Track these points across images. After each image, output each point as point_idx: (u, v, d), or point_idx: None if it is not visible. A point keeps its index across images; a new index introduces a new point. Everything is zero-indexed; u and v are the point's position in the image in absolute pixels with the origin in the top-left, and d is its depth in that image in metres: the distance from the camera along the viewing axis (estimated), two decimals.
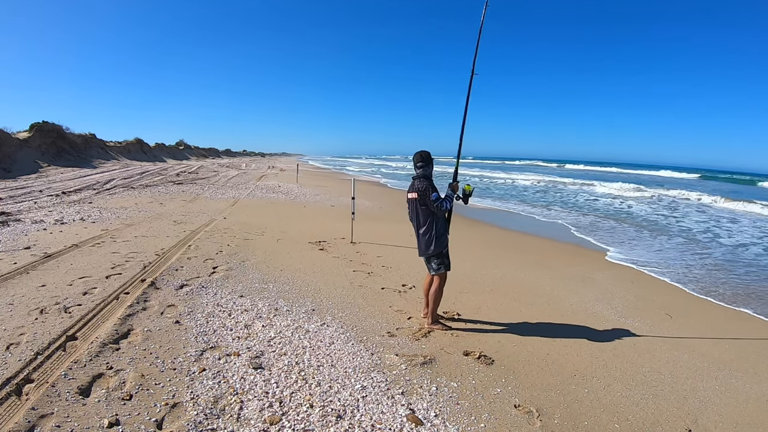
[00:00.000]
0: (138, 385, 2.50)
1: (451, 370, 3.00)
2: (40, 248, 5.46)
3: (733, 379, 3.21)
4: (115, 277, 4.48)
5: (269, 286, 4.56)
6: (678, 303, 5.06)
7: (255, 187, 16.99)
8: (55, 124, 22.77)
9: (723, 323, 4.47)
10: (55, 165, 19.63)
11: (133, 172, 21.04)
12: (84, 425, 2.13)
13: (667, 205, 16.40)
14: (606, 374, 3.09)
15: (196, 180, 19.03)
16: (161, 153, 40.69)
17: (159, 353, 2.91)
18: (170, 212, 9.30)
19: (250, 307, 3.91)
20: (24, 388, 2.40)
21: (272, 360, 2.95)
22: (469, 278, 5.38)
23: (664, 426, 2.53)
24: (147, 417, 2.23)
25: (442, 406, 2.55)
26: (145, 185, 15.03)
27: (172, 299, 3.93)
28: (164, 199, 11.56)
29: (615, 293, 5.18)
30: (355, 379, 2.78)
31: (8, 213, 7.88)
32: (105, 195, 11.71)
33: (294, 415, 2.35)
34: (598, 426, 2.48)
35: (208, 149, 65.80)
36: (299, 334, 3.41)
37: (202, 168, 29.36)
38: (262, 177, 23.27)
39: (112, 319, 3.40)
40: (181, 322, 3.45)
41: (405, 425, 2.34)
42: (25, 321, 3.27)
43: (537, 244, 8.17)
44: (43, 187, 12.71)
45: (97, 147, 28.00)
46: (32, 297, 3.77)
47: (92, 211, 8.77)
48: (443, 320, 3.85)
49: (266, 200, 12.78)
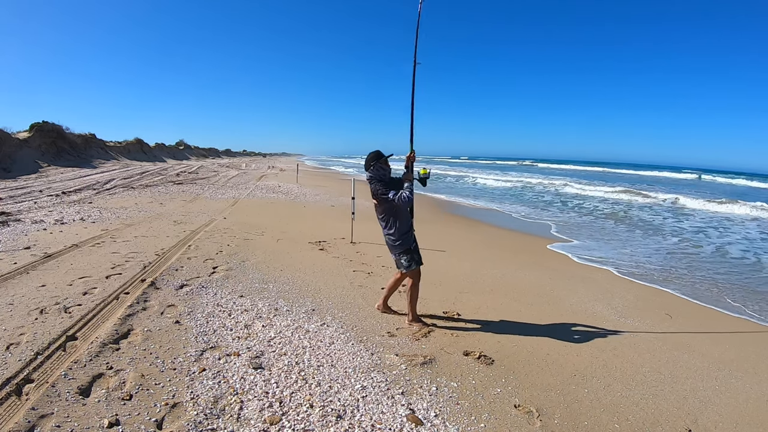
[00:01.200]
0: (138, 385, 2.50)
1: (451, 370, 3.00)
2: (40, 248, 5.46)
3: (733, 379, 3.21)
4: (115, 277, 4.48)
5: (269, 286, 4.56)
6: (678, 303, 5.06)
7: (255, 187, 16.99)
8: (55, 124, 22.78)
9: (723, 323, 4.47)
10: (55, 165, 19.63)
11: (133, 172, 21.04)
12: (84, 425, 2.13)
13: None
14: (606, 374, 3.09)
15: (196, 180, 19.03)
16: (161, 153, 40.69)
17: (159, 353, 2.91)
18: (170, 212, 9.30)
19: (250, 307, 3.91)
20: (24, 388, 2.40)
21: (272, 360, 2.95)
22: (469, 278, 5.38)
23: (664, 426, 2.53)
24: (147, 417, 2.23)
25: (442, 406, 2.55)
26: (145, 185, 15.03)
27: (172, 299, 3.93)
28: (164, 199, 11.56)
29: (615, 293, 5.18)
30: (355, 379, 2.78)
31: (8, 213, 7.88)
32: (105, 195, 11.71)
33: (294, 415, 2.35)
34: (598, 426, 2.48)
35: (208, 149, 65.81)
36: (299, 334, 3.41)
37: (202, 168, 29.37)
38: (262, 177, 23.27)
39: (112, 319, 3.40)
40: (181, 322, 3.45)
41: (405, 425, 2.34)
42: (25, 321, 3.27)
43: (537, 244, 8.17)
44: (43, 187, 12.72)
45: (97, 147, 28.00)
46: (32, 297, 3.77)
47: (92, 211, 8.77)
48: (424, 318, 3.97)
49: (266, 200, 12.79)
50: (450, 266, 5.88)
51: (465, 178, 30.36)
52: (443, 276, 5.37)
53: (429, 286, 4.93)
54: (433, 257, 6.33)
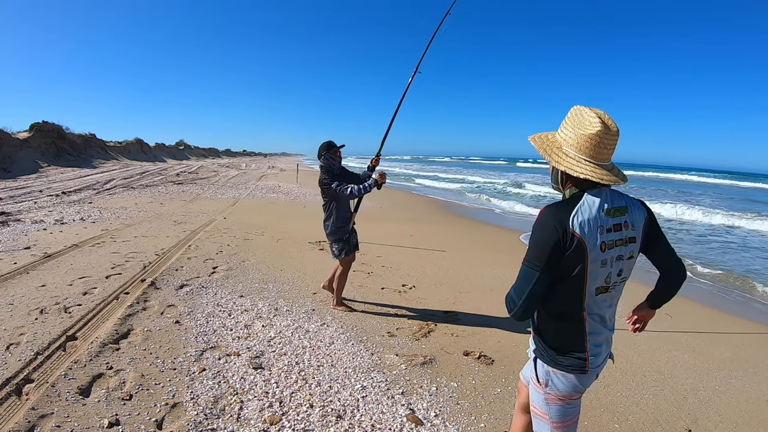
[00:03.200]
0: (138, 385, 2.50)
1: (451, 370, 3.00)
2: (40, 248, 5.46)
3: (733, 379, 3.21)
4: (115, 277, 4.48)
5: (269, 286, 4.57)
6: (678, 303, 5.06)
7: (255, 187, 16.99)
8: (55, 124, 22.80)
9: (723, 323, 4.47)
10: (55, 165, 19.64)
11: (133, 172, 21.05)
12: (84, 425, 2.13)
13: None
14: (606, 374, 3.09)
15: (196, 180, 19.03)
16: (161, 153, 40.71)
17: (159, 353, 2.91)
18: (170, 212, 9.30)
19: (250, 307, 3.91)
20: (24, 388, 2.40)
21: (272, 360, 2.95)
22: (469, 278, 5.38)
23: (664, 426, 2.53)
24: (147, 417, 2.23)
25: (442, 406, 2.55)
26: (145, 185, 15.04)
27: (172, 299, 3.94)
28: (164, 199, 11.57)
29: None
30: (355, 379, 2.78)
31: (8, 213, 7.88)
32: (105, 195, 11.71)
33: (294, 415, 2.35)
34: (598, 426, 2.48)
35: (208, 149, 65.85)
36: (299, 334, 3.41)
37: (202, 168, 29.37)
38: (262, 177, 23.27)
39: (112, 319, 3.40)
40: (181, 322, 3.45)
41: (405, 425, 2.34)
42: (25, 321, 3.28)
43: None
44: (43, 187, 12.72)
45: (97, 147, 28.02)
46: (32, 297, 3.77)
47: (92, 211, 8.77)
48: (348, 302, 4.18)
49: (266, 200, 12.79)
50: (450, 266, 5.88)
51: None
52: (443, 276, 5.37)
53: (429, 286, 4.93)
54: (433, 257, 6.33)
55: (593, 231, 1.31)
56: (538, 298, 1.39)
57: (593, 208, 1.32)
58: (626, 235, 1.37)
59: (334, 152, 3.70)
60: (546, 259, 1.31)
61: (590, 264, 1.31)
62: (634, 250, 1.41)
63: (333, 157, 3.70)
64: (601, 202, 1.33)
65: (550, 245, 1.31)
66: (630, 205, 1.40)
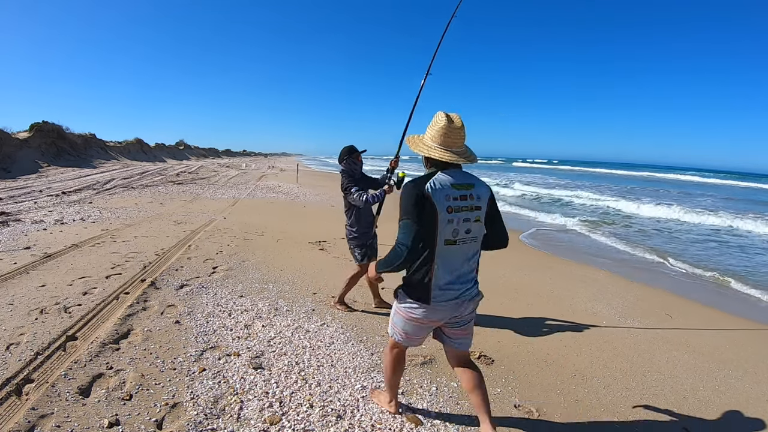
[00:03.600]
0: (138, 385, 2.50)
1: (451, 370, 2.98)
2: (40, 248, 5.46)
3: (733, 379, 3.21)
4: (115, 277, 4.48)
5: (269, 286, 4.57)
6: (678, 303, 5.06)
7: (255, 187, 16.98)
8: (55, 124, 22.80)
9: (723, 323, 4.47)
10: (55, 165, 19.63)
11: (133, 172, 21.05)
12: (84, 425, 2.13)
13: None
14: (606, 374, 3.09)
15: (196, 180, 19.03)
16: (161, 153, 40.71)
17: (159, 353, 2.91)
18: (170, 212, 9.29)
19: (250, 307, 3.91)
20: (24, 388, 2.40)
21: (272, 360, 2.95)
22: None
23: (664, 426, 2.53)
24: (147, 417, 2.23)
25: (442, 406, 2.55)
26: (145, 185, 15.03)
27: (172, 299, 3.94)
28: (164, 199, 11.56)
29: (615, 293, 5.18)
30: (355, 379, 2.78)
31: (8, 213, 7.88)
32: (105, 195, 11.71)
33: (294, 415, 2.35)
34: (598, 426, 2.48)
35: (208, 149, 65.83)
36: (299, 334, 3.41)
37: (202, 168, 29.36)
38: (262, 177, 23.26)
39: (112, 319, 3.40)
40: (181, 322, 3.45)
41: (405, 425, 2.34)
42: (25, 321, 3.27)
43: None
44: (43, 187, 12.72)
45: (97, 147, 28.02)
46: (32, 297, 3.77)
47: (92, 211, 8.77)
48: (348, 302, 4.18)
49: (266, 200, 12.78)
50: None
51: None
52: None
53: None
54: None
55: (440, 196, 1.79)
56: (418, 242, 1.81)
57: (443, 182, 1.82)
58: (471, 204, 1.86)
59: (356, 157, 3.68)
60: (415, 213, 1.77)
61: (439, 223, 1.79)
62: (480, 215, 1.90)
63: (354, 162, 3.68)
64: (450, 177, 1.84)
65: (412, 203, 1.78)
66: (476, 183, 1.91)
